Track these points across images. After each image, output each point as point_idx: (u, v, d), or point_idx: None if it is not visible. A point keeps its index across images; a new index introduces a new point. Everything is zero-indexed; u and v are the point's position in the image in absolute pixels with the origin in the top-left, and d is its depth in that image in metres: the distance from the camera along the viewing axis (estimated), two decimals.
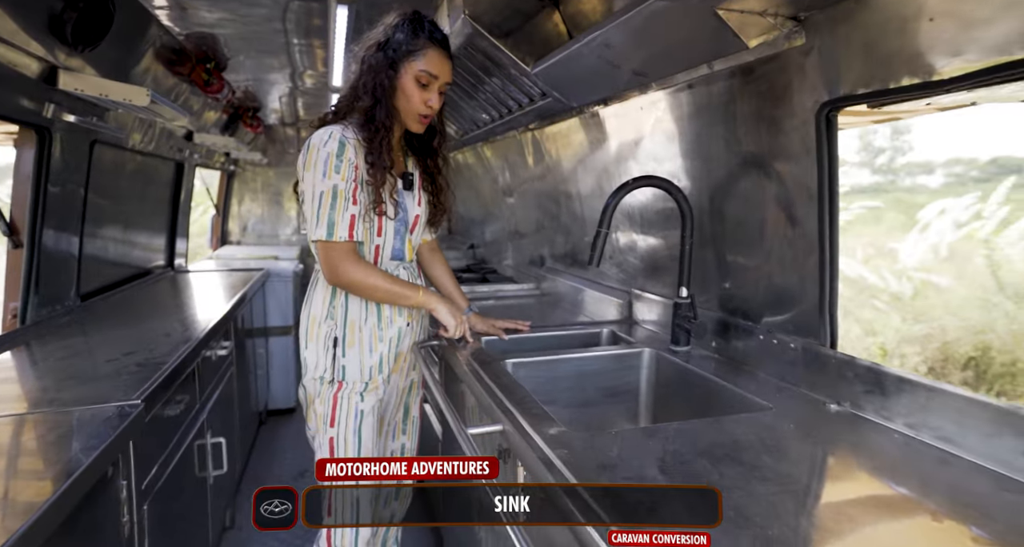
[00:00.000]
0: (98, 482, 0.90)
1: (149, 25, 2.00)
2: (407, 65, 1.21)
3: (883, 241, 2.53)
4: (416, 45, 1.21)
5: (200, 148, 3.24)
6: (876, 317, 2.38)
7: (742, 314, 1.32)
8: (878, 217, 2.55)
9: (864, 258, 2.72)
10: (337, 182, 1.19)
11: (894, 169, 2.41)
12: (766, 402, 1.07)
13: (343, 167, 1.19)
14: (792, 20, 0.93)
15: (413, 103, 1.23)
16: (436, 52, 1.22)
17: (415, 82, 1.21)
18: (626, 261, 1.84)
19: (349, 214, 1.20)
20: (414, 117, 1.25)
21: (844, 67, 0.92)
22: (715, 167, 1.32)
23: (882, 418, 0.95)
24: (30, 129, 1.66)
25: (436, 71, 1.22)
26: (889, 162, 2.41)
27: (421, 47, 1.21)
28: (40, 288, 1.76)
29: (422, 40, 1.21)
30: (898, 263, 2.62)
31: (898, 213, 2.47)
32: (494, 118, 2.24)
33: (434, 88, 1.23)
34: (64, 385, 1.21)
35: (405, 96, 1.22)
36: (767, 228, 1.20)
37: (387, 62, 1.20)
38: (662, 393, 1.43)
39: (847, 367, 1.02)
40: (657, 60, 1.17)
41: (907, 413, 0.90)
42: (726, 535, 0.65)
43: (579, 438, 0.90)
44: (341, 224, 1.20)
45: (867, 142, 2.76)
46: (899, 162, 2.42)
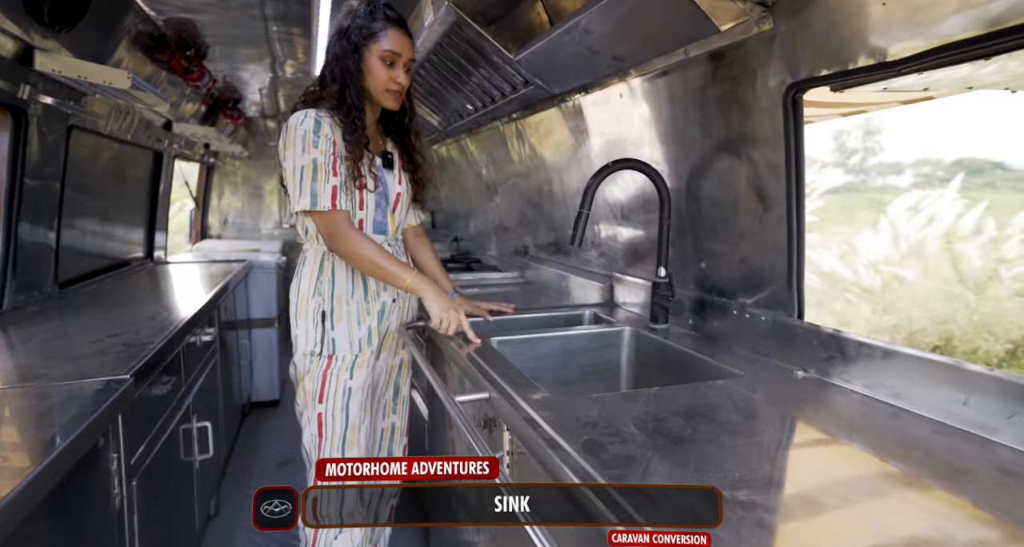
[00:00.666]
0: (89, 452, 0.91)
1: (128, 10, 1.98)
2: (370, 47, 1.27)
3: (855, 238, 2.64)
4: (376, 27, 1.27)
5: (179, 138, 3.20)
6: (848, 308, 2.49)
7: (717, 292, 1.38)
8: (850, 215, 2.65)
9: (837, 254, 2.83)
10: (316, 156, 1.24)
11: (866, 169, 2.51)
12: (738, 371, 1.13)
13: (320, 142, 1.24)
14: (760, 5, 0.99)
15: (381, 81, 1.28)
16: (395, 31, 1.29)
17: (380, 62, 1.27)
18: (608, 247, 1.89)
19: (331, 185, 1.25)
20: (385, 95, 1.30)
21: (808, 50, 0.98)
22: (691, 151, 1.37)
23: (843, 381, 1.01)
24: (5, 111, 1.64)
25: (398, 48, 1.28)
26: (861, 162, 2.51)
27: (381, 28, 1.27)
28: (17, 274, 1.74)
29: (380, 22, 1.28)
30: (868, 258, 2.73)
31: (869, 211, 2.58)
32: (477, 108, 2.27)
33: (399, 65, 1.29)
34: (51, 363, 1.21)
35: (373, 76, 1.28)
36: (740, 208, 1.25)
37: (351, 47, 1.27)
38: (642, 369, 1.48)
39: (812, 336, 1.08)
40: (635, 45, 1.22)
41: (865, 375, 0.97)
42: (699, 478, 0.70)
43: (561, 402, 0.94)
44: (323, 194, 1.24)
45: (841, 143, 2.86)
46: (870, 162, 2.53)
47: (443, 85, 2.29)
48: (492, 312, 1.60)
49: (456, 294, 1.60)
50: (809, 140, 1.08)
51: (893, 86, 0.97)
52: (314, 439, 1.33)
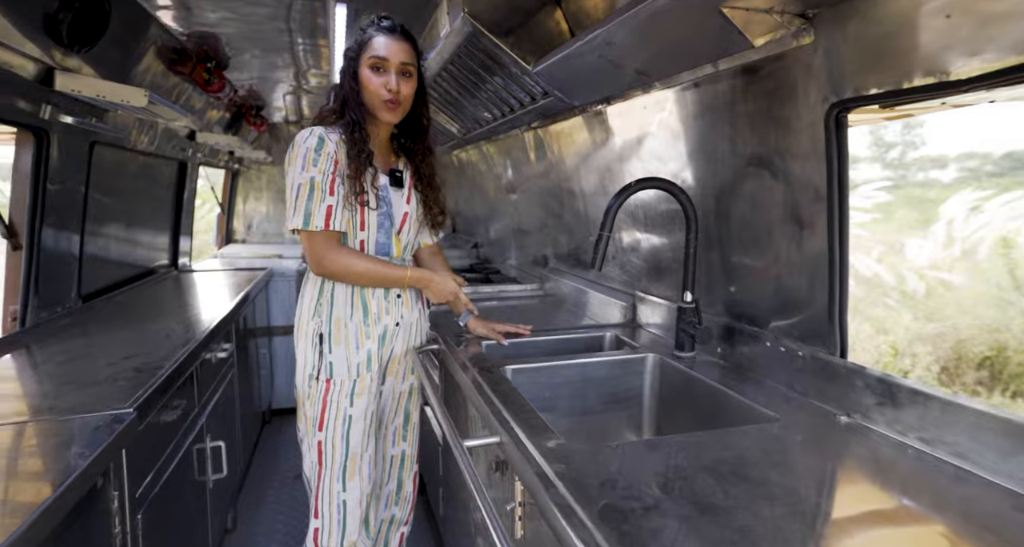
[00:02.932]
0: (87, 493, 0.88)
1: (149, 24, 1.98)
2: (361, 58, 1.27)
3: (894, 238, 2.47)
4: (364, 38, 1.27)
5: (203, 147, 3.23)
6: (887, 315, 2.32)
7: (748, 319, 1.29)
8: (889, 213, 2.46)
9: (876, 256, 2.66)
10: (314, 174, 1.21)
11: (906, 164, 2.34)
12: (773, 413, 1.04)
13: (320, 161, 1.22)
14: (800, 18, 0.90)
15: (373, 89, 1.26)
16: (382, 37, 1.27)
17: (370, 71, 1.26)
18: (629, 262, 1.81)
19: (326, 205, 1.22)
20: (380, 105, 1.27)
21: (854, 66, 0.88)
22: (721, 168, 1.28)
23: (895, 432, 0.91)
24: (27, 131, 1.64)
25: (384, 52, 1.25)
26: (901, 157, 2.33)
27: (369, 37, 1.27)
28: (40, 290, 1.75)
29: (369, 32, 1.27)
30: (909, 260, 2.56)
31: (909, 209, 2.40)
32: (496, 117, 2.21)
33: (389, 70, 1.26)
34: (63, 390, 1.20)
35: (366, 87, 1.26)
36: (774, 231, 1.16)
37: (348, 64, 1.28)
38: (666, 401, 1.40)
39: (858, 377, 0.98)
40: (660, 59, 1.14)
41: (921, 427, 0.87)
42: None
43: (578, 452, 0.87)
44: (317, 214, 1.21)
45: (878, 137, 2.70)
46: (911, 157, 2.36)
47: (461, 94, 2.23)
48: (508, 335, 1.53)
49: (469, 315, 1.55)
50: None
51: (952, 100, 0.87)
52: (314, 467, 1.30)
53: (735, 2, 0.83)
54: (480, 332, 1.53)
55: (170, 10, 1.92)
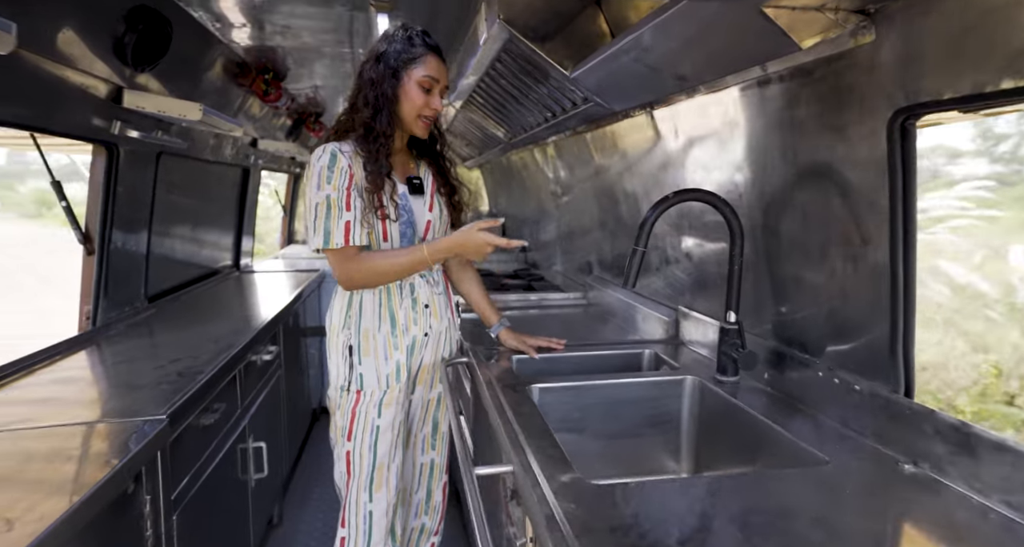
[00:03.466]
0: (117, 499, 0.92)
1: (213, 41, 2.09)
2: (409, 72, 1.25)
3: (1000, 242, 2.13)
4: (415, 53, 1.25)
5: (264, 154, 3.39)
6: (988, 330, 2.00)
7: (799, 345, 1.17)
8: (994, 215, 2.15)
9: (975, 263, 2.29)
10: (329, 192, 1.22)
11: (1020, 158, 2.01)
12: (822, 454, 0.93)
13: (334, 177, 1.22)
14: (858, 14, 0.79)
15: (416, 107, 1.26)
16: (434, 58, 1.27)
17: (419, 88, 1.25)
18: (673, 274, 1.71)
19: (344, 221, 1.22)
20: (417, 122, 1.27)
21: (925, 67, 0.76)
22: (771, 178, 1.17)
23: (973, 490, 0.79)
24: (100, 145, 1.77)
25: (437, 75, 1.26)
26: (1015, 150, 1.99)
27: (420, 54, 1.25)
28: (109, 292, 1.89)
29: (419, 48, 1.25)
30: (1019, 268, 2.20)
31: (1019, 211, 2.04)
32: (540, 122, 2.16)
33: (436, 91, 1.27)
34: (113, 393, 1.28)
35: (410, 102, 1.25)
36: (829, 249, 1.04)
37: (389, 72, 1.24)
38: (706, 428, 1.30)
39: (926, 421, 0.86)
40: (698, 64, 1.05)
41: (1008, 488, 0.74)
42: None
43: (592, 490, 0.81)
44: (336, 231, 1.22)
45: (985, 128, 2.28)
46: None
47: (505, 98, 2.20)
48: (540, 349, 1.49)
49: (502, 327, 1.51)
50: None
51: None
52: (343, 477, 1.32)
53: (778, 1, 0.74)
54: (512, 345, 1.50)
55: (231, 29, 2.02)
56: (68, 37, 1.39)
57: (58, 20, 1.34)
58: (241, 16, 1.89)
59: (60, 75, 1.44)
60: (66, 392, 1.29)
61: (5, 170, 10.89)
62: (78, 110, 1.58)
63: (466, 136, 3.77)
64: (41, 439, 1.01)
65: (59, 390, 1.30)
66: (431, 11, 1.87)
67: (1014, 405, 1.39)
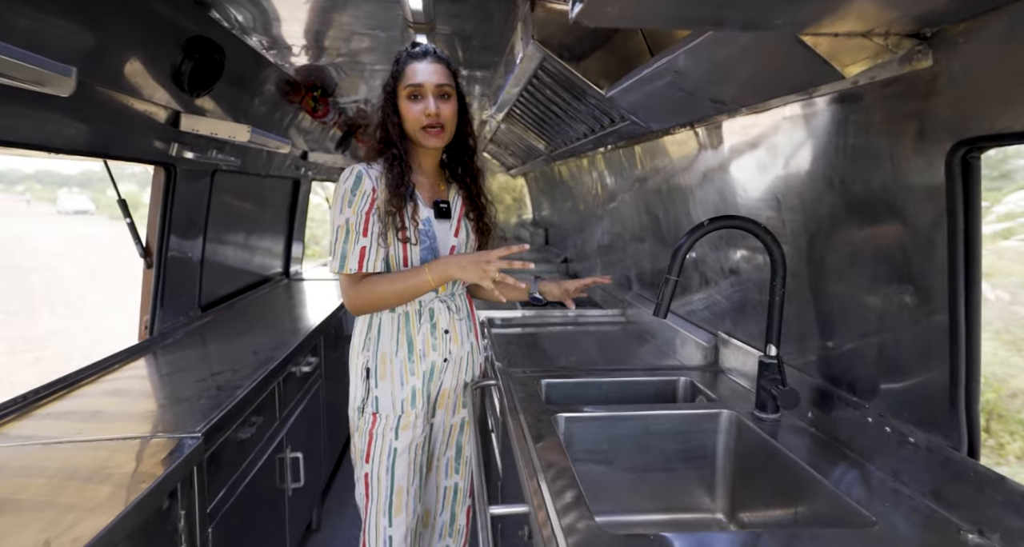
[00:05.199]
0: (153, 515, 0.97)
1: (264, 63, 2.19)
2: (399, 90, 1.27)
3: None
4: (398, 69, 1.27)
5: (314, 165, 3.53)
6: None
7: (847, 386, 1.08)
8: None
9: None
10: (349, 216, 1.23)
11: None
12: (869, 513, 0.85)
13: (356, 201, 1.23)
14: (912, 38, 0.72)
15: (413, 117, 1.25)
16: (415, 64, 1.26)
17: (408, 100, 1.25)
18: (713, 298, 1.63)
19: (359, 247, 1.23)
20: (422, 133, 1.26)
21: (990, 97, 0.68)
22: (815, 207, 1.09)
23: None
24: (159, 166, 1.89)
25: (419, 79, 1.24)
26: None
27: (403, 67, 1.26)
28: (165, 303, 2.01)
29: (403, 61, 1.27)
30: None
31: None
32: (579, 137, 2.13)
33: (426, 95, 1.25)
34: (159, 406, 1.35)
35: (406, 116, 1.26)
36: (880, 286, 0.96)
37: (387, 98, 1.28)
38: (743, 467, 1.23)
39: (995, 488, 0.77)
40: (735, 89, 0.99)
41: None
42: None
43: (608, 540, 0.78)
44: (351, 256, 1.23)
45: None
46: None
47: (544, 113, 2.18)
48: (584, 289, 1.45)
49: (537, 285, 1.48)
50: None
51: None
52: (362, 499, 1.33)
53: (817, 28, 0.68)
54: (555, 295, 1.46)
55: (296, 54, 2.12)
56: (133, 68, 1.49)
57: (123, 53, 1.44)
58: (303, 40, 1.97)
59: (124, 103, 1.54)
60: (115, 405, 1.37)
61: (100, 174, 11.88)
62: (140, 136, 1.69)
63: (510, 147, 3.77)
64: (84, 453, 1.08)
65: (109, 403, 1.38)
66: (468, 30, 1.88)
67: None
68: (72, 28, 1.21)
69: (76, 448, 1.11)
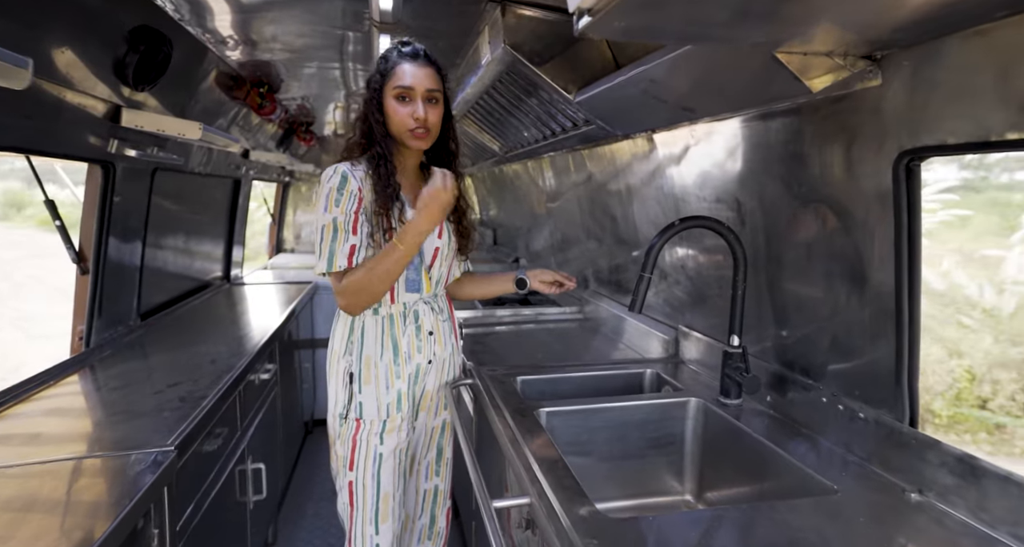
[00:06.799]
0: (128, 536, 0.90)
1: (207, 55, 2.07)
2: (385, 89, 1.24)
3: (972, 247, 2.23)
4: (387, 67, 1.24)
5: (256, 164, 3.36)
6: (963, 336, 2.10)
7: (801, 369, 1.20)
8: (966, 220, 2.23)
9: (947, 268, 2.38)
10: (336, 215, 1.20)
11: (987, 165, 2.11)
12: (830, 482, 0.95)
13: (343, 200, 1.20)
14: (866, 59, 0.82)
15: (399, 119, 1.23)
16: (406, 65, 1.23)
17: (396, 101, 1.23)
18: (672, 293, 1.73)
19: (348, 245, 1.20)
20: (408, 135, 1.24)
21: (929, 113, 0.79)
22: (773, 207, 1.20)
23: (979, 520, 0.81)
24: (96, 164, 1.74)
25: (409, 82, 1.22)
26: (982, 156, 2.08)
27: (392, 66, 1.24)
28: (103, 311, 1.85)
29: (391, 61, 1.24)
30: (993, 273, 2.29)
31: (990, 215, 2.14)
32: (538, 139, 2.18)
33: (416, 99, 1.23)
34: (112, 421, 1.25)
35: (392, 118, 1.24)
36: (833, 279, 1.07)
37: (372, 95, 1.24)
38: (710, 450, 1.32)
39: (932, 451, 0.89)
40: (707, 99, 1.07)
41: (1015, 520, 0.77)
42: None
43: (611, 525, 0.82)
44: (340, 254, 1.20)
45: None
46: (993, 156, 2.13)
47: (503, 115, 2.21)
48: (555, 284, 1.48)
49: (523, 273, 1.51)
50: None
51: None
52: (346, 509, 1.29)
53: (791, 46, 0.76)
54: (546, 279, 1.49)
55: (227, 46, 2.00)
56: (68, 59, 1.37)
57: (61, 43, 1.32)
58: (231, 30, 1.87)
59: (59, 96, 1.41)
60: (57, 425, 1.25)
61: None
62: (76, 131, 1.55)
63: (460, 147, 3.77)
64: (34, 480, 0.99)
65: (49, 423, 1.26)
66: (433, 31, 1.88)
67: (986, 409, 1.46)
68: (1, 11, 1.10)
69: (26, 474, 1.01)
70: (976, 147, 0.75)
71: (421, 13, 1.67)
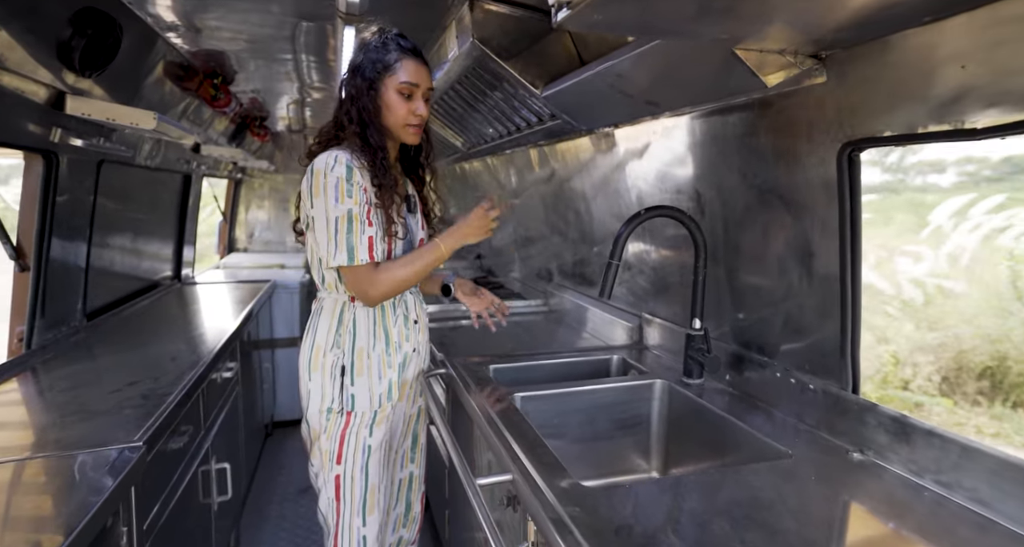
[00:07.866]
0: (98, 535, 0.88)
1: (156, 42, 1.99)
2: (386, 81, 1.21)
3: (894, 243, 2.48)
4: (390, 59, 1.21)
5: (207, 159, 3.23)
6: (888, 324, 2.34)
7: (757, 348, 1.28)
8: (888, 218, 2.46)
9: (875, 262, 2.66)
10: (351, 206, 1.17)
11: (904, 167, 2.34)
12: (784, 447, 1.03)
13: (354, 191, 1.17)
14: (813, 58, 0.90)
15: (400, 115, 1.22)
16: (411, 61, 1.22)
17: (398, 95, 1.21)
18: (635, 282, 1.81)
19: (367, 236, 1.19)
20: (404, 129, 1.24)
21: (867, 107, 0.88)
22: (730, 197, 1.28)
23: (910, 472, 0.91)
24: (36, 154, 1.64)
25: (415, 79, 1.22)
26: (900, 160, 2.32)
27: (396, 60, 1.21)
28: (46, 311, 1.75)
29: (395, 53, 1.21)
30: (909, 268, 2.55)
31: (908, 214, 2.40)
32: (502, 134, 2.21)
33: (418, 96, 1.24)
34: (68, 421, 1.19)
35: (392, 112, 1.22)
36: (785, 263, 1.16)
37: (366, 84, 1.20)
38: (674, 428, 1.39)
39: (870, 414, 0.98)
40: (671, 93, 1.14)
41: (938, 469, 0.87)
42: None
43: (591, 494, 0.87)
44: (360, 247, 1.18)
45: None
46: (909, 160, 2.38)
47: (467, 110, 2.23)
48: (488, 302, 1.50)
49: (456, 276, 1.53)
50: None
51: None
52: (331, 504, 1.26)
53: (748, 44, 0.83)
54: (466, 291, 1.50)
55: (176, 31, 1.92)
56: (3, 39, 1.29)
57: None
58: (174, 16, 1.79)
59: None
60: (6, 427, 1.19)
61: None
62: (13, 117, 1.46)
63: None
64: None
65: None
66: (399, 23, 1.88)
67: (908, 390, 1.63)
68: None
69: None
70: (907, 139, 0.84)
71: (387, 6, 1.67)
